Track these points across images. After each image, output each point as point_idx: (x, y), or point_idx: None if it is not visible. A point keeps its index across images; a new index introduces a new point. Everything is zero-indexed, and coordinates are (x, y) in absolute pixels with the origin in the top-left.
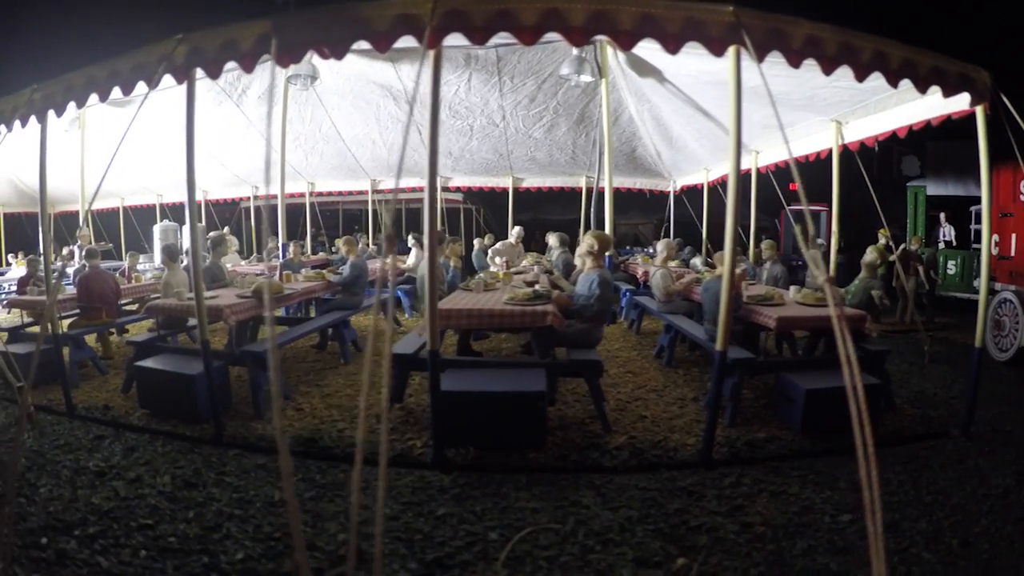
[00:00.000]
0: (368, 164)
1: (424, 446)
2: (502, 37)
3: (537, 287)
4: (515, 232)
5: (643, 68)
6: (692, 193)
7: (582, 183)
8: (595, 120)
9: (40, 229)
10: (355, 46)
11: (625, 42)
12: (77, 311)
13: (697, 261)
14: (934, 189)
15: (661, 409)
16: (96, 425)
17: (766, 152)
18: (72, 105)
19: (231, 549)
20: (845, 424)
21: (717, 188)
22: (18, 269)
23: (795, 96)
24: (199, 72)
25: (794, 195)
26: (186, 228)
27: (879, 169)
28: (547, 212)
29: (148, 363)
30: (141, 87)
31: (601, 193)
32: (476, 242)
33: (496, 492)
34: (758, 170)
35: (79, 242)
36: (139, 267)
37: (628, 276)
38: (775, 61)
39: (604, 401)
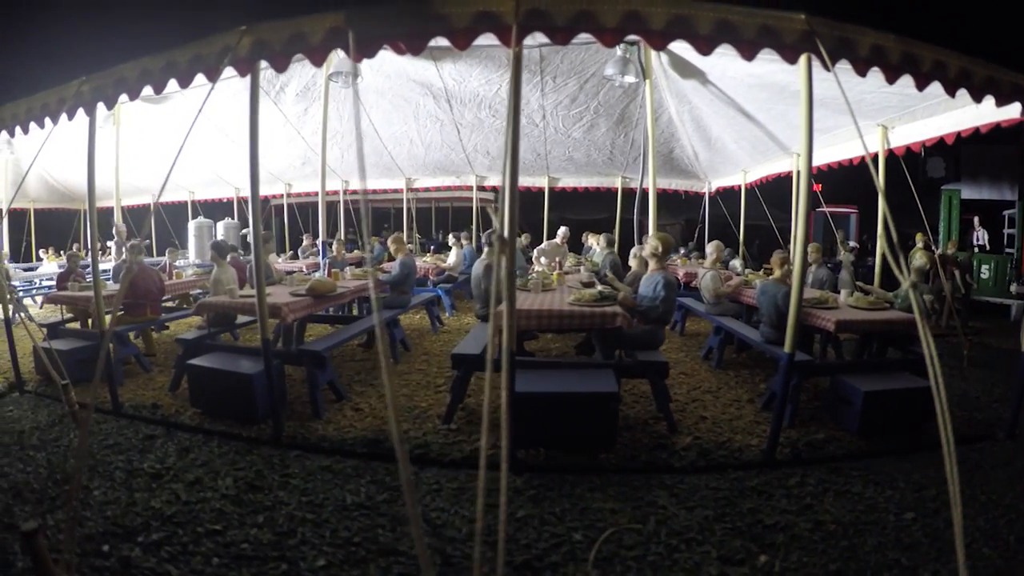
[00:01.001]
0: (404, 162)
1: (492, 447)
2: (583, 38)
3: (599, 288)
4: (561, 232)
5: (686, 70)
6: (726, 194)
7: (617, 183)
8: (635, 121)
9: (89, 224)
10: (432, 43)
11: (703, 48)
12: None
13: (736, 263)
14: (969, 193)
15: (719, 410)
16: (145, 424)
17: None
18: (124, 98)
19: (310, 555)
20: (901, 425)
21: (755, 190)
22: (49, 264)
23: (840, 101)
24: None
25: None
26: (221, 224)
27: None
28: (570, 212)
29: (201, 361)
30: (200, 80)
31: (645, 193)
32: (521, 238)
33: (571, 493)
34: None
35: (116, 238)
36: (178, 263)
37: None
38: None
39: (670, 402)
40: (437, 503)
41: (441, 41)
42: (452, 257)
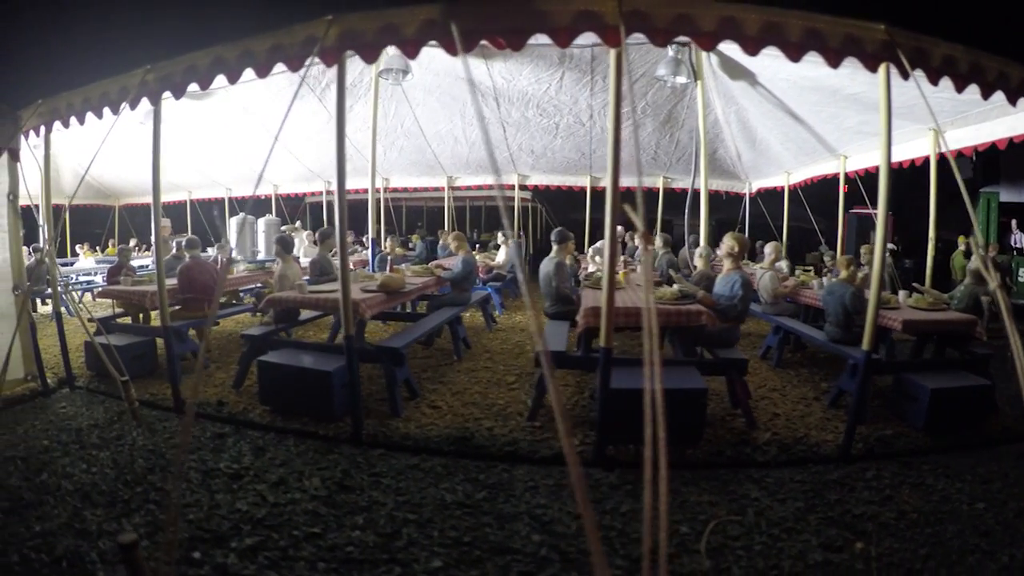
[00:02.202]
0: (447, 161)
1: (581, 444)
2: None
3: (676, 287)
4: (617, 231)
5: (735, 71)
6: (767, 195)
7: (659, 183)
8: (681, 121)
9: (153, 220)
10: (532, 40)
11: (793, 54)
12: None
13: (783, 263)
14: (1008, 196)
15: (789, 407)
16: (211, 422)
17: (855, 157)
18: (194, 87)
19: (422, 557)
20: (964, 422)
21: (799, 191)
22: (86, 260)
23: (896, 104)
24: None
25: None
26: (262, 221)
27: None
28: (599, 211)
29: (272, 358)
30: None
31: (695, 193)
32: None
33: (667, 488)
34: (846, 175)
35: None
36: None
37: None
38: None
39: (750, 399)
40: (537, 500)
41: (542, 38)
42: (501, 255)
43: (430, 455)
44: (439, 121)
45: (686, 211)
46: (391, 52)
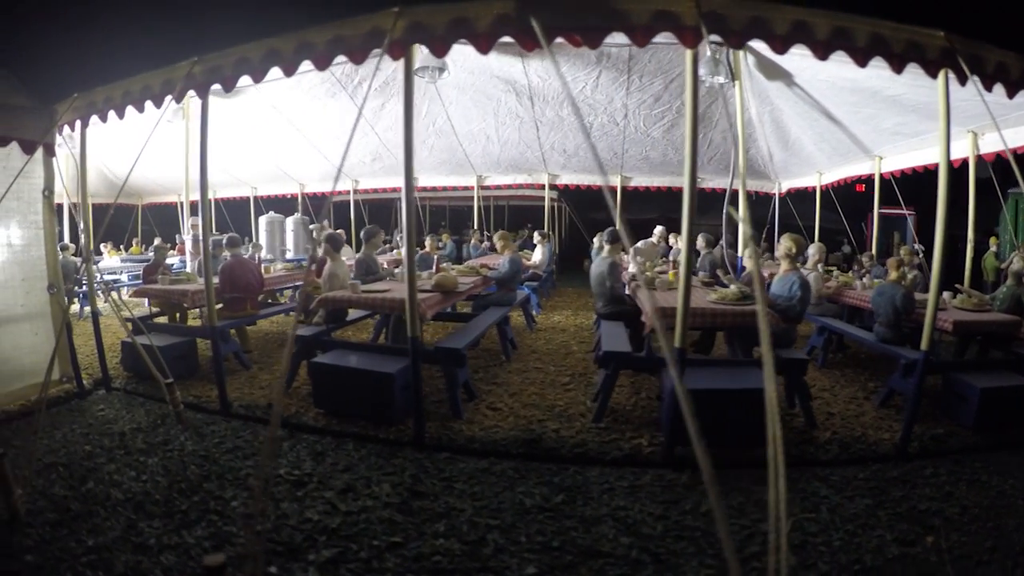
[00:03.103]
0: (477, 160)
1: (650, 445)
2: (757, 43)
3: (733, 287)
4: (657, 231)
5: (772, 72)
6: (795, 196)
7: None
8: (715, 122)
9: (200, 216)
10: (610, 38)
11: (860, 60)
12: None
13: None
14: None
15: (842, 407)
16: (261, 426)
17: (890, 158)
18: (246, 80)
19: (514, 564)
20: (1012, 420)
21: (829, 192)
22: (110, 259)
23: (934, 107)
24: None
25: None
26: (290, 220)
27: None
28: (631, 211)
29: (327, 360)
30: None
31: (734, 194)
32: (596, 239)
33: (737, 486)
34: (882, 175)
35: (191, 233)
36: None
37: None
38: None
39: (810, 399)
40: (616, 502)
41: (619, 37)
42: (537, 255)
43: (499, 458)
44: (471, 120)
45: (724, 211)
46: (426, 50)
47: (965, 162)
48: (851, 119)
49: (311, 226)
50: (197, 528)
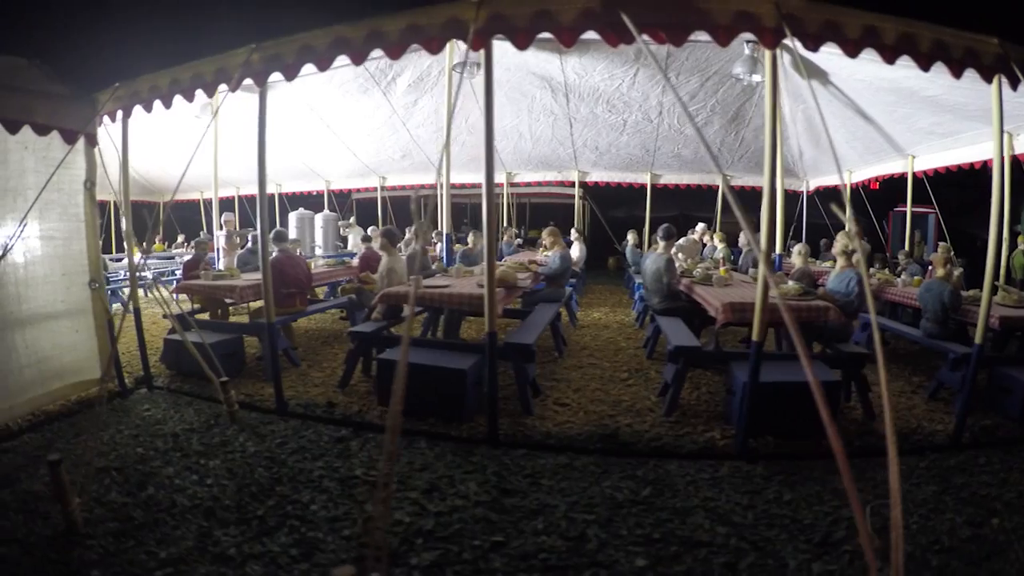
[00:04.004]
0: (508, 157)
1: (722, 437)
2: (830, 47)
3: (791, 283)
4: (699, 229)
5: (808, 71)
6: (823, 194)
7: (719, 181)
8: (748, 120)
9: (259, 212)
10: (693, 36)
11: (923, 64)
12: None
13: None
14: None
15: (894, 400)
16: (322, 424)
17: (923, 157)
18: (310, 68)
19: (621, 557)
20: None
21: (859, 190)
22: (135, 256)
23: (972, 108)
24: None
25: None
26: (320, 216)
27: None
28: (640, 209)
29: (392, 356)
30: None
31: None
32: (631, 237)
33: (810, 476)
34: (915, 175)
35: (224, 229)
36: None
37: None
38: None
39: (869, 391)
40: (703, 493)
41: (702, 35)
42: (575, 252)
43: (576, 453)
44: (505, 116)
45: (762, 209)
46: (463, 45)
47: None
48: (886, 118)
49: (340, 223)
50: (279, 535)
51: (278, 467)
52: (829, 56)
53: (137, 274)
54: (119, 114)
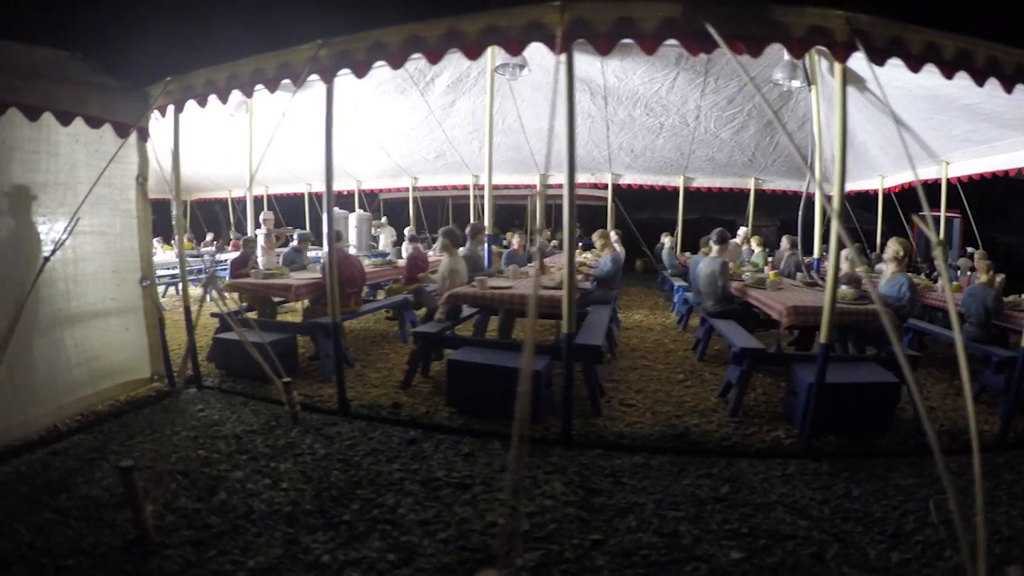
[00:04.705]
0: (543, 158)
1: (787, 436)
2: (897, 62)
3: (843, 288)
4: (741, 232)
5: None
6: (852, 199)
7: (750, 184)
8: (783, 124)
9: (326, 210)
10: (768, 49)
11: (979, 79)
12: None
13: (882, 266)
14: None
15: (939, 402)
16: (388, 425)
17: (956, 164)
18: (382, 65)
19: (717, 551)
20: None
21: (892, 195)
22: (165, 254)
23: (1008, 116)
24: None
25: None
26: (353, 216)
27: None
28: (664, 212)
29: (464, 356)
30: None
31: (811, 198)
32: (666, 240)
33: (873, 473)
34: (948, 180)
35: (263, 227)
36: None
37: None
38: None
39: (924, 393)
40: (779, 489)
41: (776, 47)
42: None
43: (651, 453)
44: (542, 118)
45: (799, 213)
46: None
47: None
48: (922, 125)
49: (373, 222)
50: (371, 540)
51: (354, 470)
52: (865, 62)
53: (168, 271)
54: (170, 109)
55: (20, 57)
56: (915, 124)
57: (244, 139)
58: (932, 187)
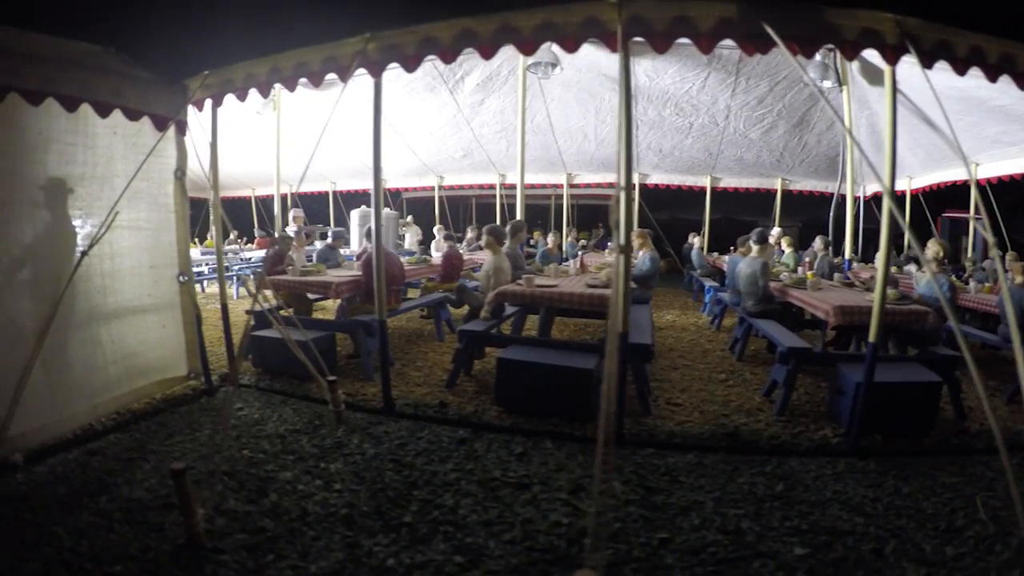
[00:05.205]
0: (571, 158)
1: (834, 436)
2: (943, 64)
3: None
4: (775, 233)
5: (875, 77)
6: (879, 200)
7: (777, 184)
8: (812, 125)
9: (374, 208)
10: (822, 49)
11: (1021, 83)
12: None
13: (912, 267)
14: None
15: (975, 402)
16: (435, 425)
17: (986, 165)
18: (434, 60)
19: (781, 548)
20: None
21: (920, 197)
22: (191, 251)
23: None
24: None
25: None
26: (384, 214)
27: None
28: (685, 212)
29: (515, 355)
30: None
31: (842, 198)
32: (696, 240)
33: (919, 472)
34: (978, 182)
35: (293, 225)
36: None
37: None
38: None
39: (962, 392)
40: (832, 487)
41: (828, 47)
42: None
43: (702, 452)
44: (571, 117)
45: (830, 214)
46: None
47: None
48: (952, 126)
49: (400, 221)
50: (435, 542)
51: (407, 470)
52: (900, 64)
53: (194, 268)
54: (207, 103)
55: (55, 48)
56: (945, 125)
57: (269, 137)
58: (961, 188)
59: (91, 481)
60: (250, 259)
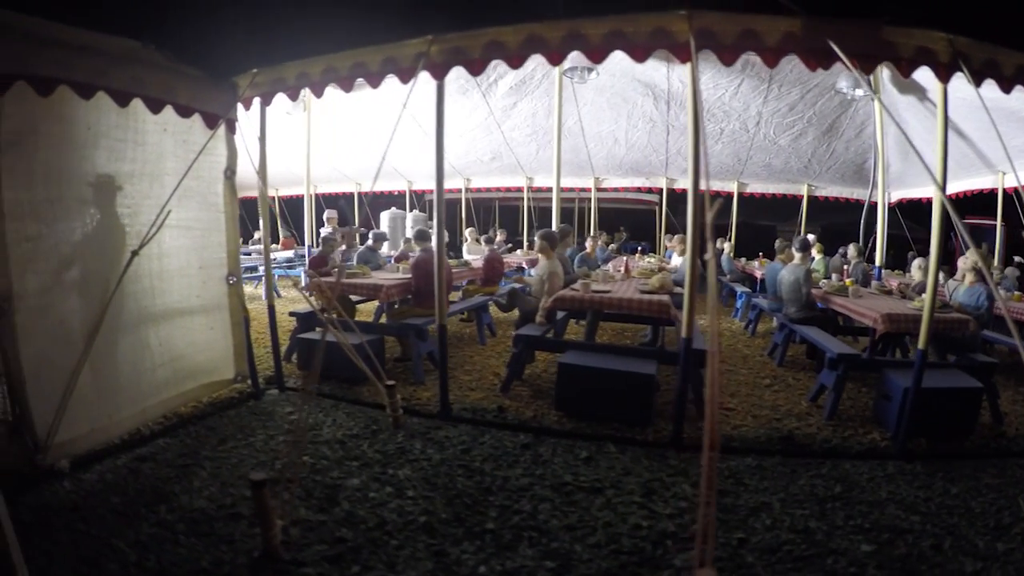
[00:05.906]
0: (600, 162)
1: (882, 439)
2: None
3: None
4: (810, 239)
5: (905, 87)
6: (904, 207)
7: (803, 191)
8: (840, 132)
9: (437, 210)
10: (880, 67)
11: None
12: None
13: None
14: None
15: (1008, 407)
16: (495, 429)
17: (1012, 174)
18: (499, 64)
19: (849, 545)
20: None
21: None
22: None
23: None
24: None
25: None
26: (410, 216)
27: None
28: (742, 214)
29: (575, 360)
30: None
31: (873, 206)
32: (725, 245)
33: (964, 474)
34: (1005, 190)
35: (327, 226)
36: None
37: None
38: None
39: (998, 397)
40: (887, 488)
41: (886, 63)
42: (674, 260)
43: (760, 455)
44: (603, 122)
45: (861, 221)
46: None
47: None
48: (980, 135)
49: (428, 223)
50: (521, 548)
51: (478, 476)
52: (927, 73)
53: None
54: (256, 101)
55: (99, 42)
56: (973, 134)
57: (296, 137)
58: (988, 196)
59: (146, 489)
60: (275, 259)
